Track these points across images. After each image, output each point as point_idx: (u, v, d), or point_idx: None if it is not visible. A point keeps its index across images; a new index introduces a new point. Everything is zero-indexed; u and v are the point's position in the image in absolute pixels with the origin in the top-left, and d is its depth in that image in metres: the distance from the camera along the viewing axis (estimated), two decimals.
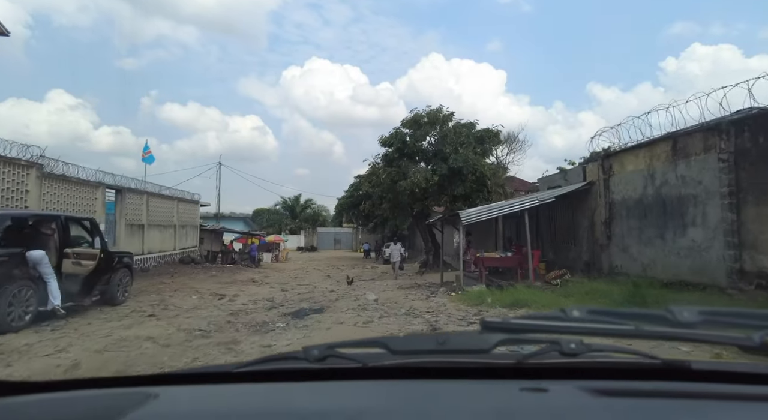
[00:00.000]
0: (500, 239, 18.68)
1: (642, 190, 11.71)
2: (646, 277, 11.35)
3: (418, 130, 19.90)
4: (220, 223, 35.32)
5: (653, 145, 11.26)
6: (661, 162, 11.04)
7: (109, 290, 10.28)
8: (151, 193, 22.52)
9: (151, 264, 22.12)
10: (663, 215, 10.96)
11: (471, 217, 13.21)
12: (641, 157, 11.75)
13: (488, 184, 19.96)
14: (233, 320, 8.81)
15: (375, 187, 22.18)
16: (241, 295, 14.23)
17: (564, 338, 0.89)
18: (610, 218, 13.02)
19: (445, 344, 0.93)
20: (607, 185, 13.16)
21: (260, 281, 18.92)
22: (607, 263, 13.11)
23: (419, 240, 36.78)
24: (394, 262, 19.49)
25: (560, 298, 9.59)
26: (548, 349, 0.90)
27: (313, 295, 13.99)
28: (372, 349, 0.97)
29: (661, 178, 11.02)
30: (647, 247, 11.49)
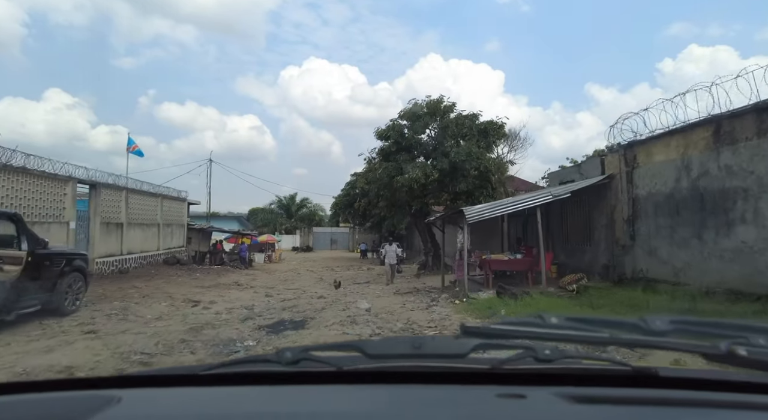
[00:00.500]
0: (506, 239, 17.06)
1: (674, 183, 10.09)
2: (678, 283, 9.74)
3: (416, 121, 18.24)
4: (210, 222, 33.65)
5: (689, 130, 9.64)
6: (699, 150, 9.42)
7: (53, 299, 8.62)
8: (131, 190, 20.84)
9: (131, 265, 20.46)
10: (701, 212, 9.34)
11: (476, 215, 11.59)
12: (674, 145, 10.13)
13: (492, 180, 18.33)
14: (191, 338, 7.15)
15: (371, 184, 20.53)
16: (218, 302, 12.59)
17: (539, 344, 0.86)
18: (634, 216, 11.39)
19: (421, 348, 0.89)
20: (631, 178, 11.53)
21: (245, 285, 17.28)
22: (630, 267, 11.49)
23: (418, 240, 35.12)
24: (390, 264, 17.52)
25: (588, 311, 7.96)
26: (524, 354, 0.88)
27: (299, 302, 12.33)
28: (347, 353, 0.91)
29: (699, 169, 9.40)
30: (680, 248, 9.87)
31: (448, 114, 18.32)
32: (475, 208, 11.84)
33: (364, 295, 13.70)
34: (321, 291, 15.32)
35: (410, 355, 0.90)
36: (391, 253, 17.45)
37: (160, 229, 23.95)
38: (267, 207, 50.26)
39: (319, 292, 15.04)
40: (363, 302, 11.12)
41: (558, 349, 0.88)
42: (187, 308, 11.47)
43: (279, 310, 11.04)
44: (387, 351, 0.94)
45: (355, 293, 14.38)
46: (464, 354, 0.87)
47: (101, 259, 18.22)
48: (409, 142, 18.59)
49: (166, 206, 24.71)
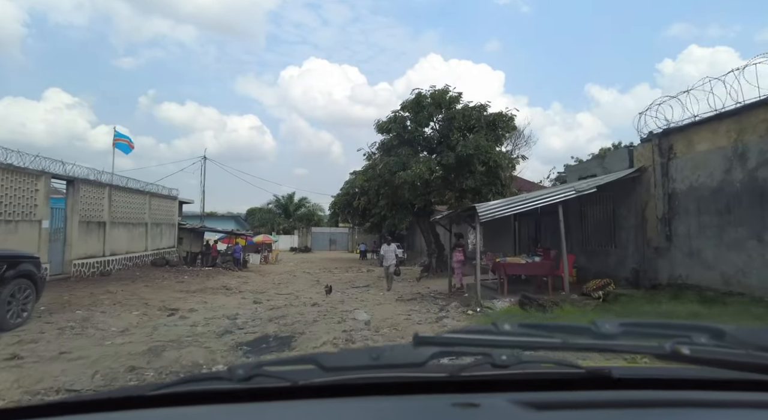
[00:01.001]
0: (518, 240, 15.55)
1: (723, 175, 8.60)
2: (730, 292, 8.24)
3: (420, 112, 16.70)
4: (205, 222, 32.14)
5: (745, 113, 8.14)
6: (757, 135, 7.92)
7: None
8: (115, 186, 19.32)
9: (114, 267, 18.95)
10: (760, 207, 7.84)
11: (490, 212, 10.09)
12: (723, 131, 8.63)
13: (502, 176, 16.84)
14: (143, 365, 5.63)
15: (371, 181, 19.03)
16: (199, 310, 11.09)
17: (497, 351, 0.85)
18: (671, 213, 9.89)
19: (378, 359, 0.85)
20: (666, 171, 10.03)
21: (234, 289, 15.76)
22: (666, 272, 9.99)
23: (419, 240, 33.63)
24: (388, 266, 15.35)
25: None
26: (481, 361, 0.87)
27: (290, 311, 10.82)
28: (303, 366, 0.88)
29: (757, 157, 7.91)
30: (733, 251, 8.37)
31: (454, 105, 16.80)
32: (488, 205, 10.34)
33: (363, 302, 12.20)
34: (316, 296, 13.81)
35: (367, 367, 0.85)
36: (390, 255, 15.40)
37: (148, 228, 22.45)
38: (264, 206, 48.73)
39: (314, 297, 13.54)
40: (361, 313, 9.61)
41: (514, 355, 0.85)
42: (161, 318, 9.98)
43: (265, 322, 9.55)
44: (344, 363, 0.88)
45: (353, 299, 12.86)
46: (422, 363, 0.83)
47: (80, 260, 16.72)
48: (412, 135, 17.07)
49: (154, 205, 23.20)
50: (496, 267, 11.18)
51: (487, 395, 0.86)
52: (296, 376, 0.89)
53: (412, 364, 0.86)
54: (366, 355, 0.88)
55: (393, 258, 15.51)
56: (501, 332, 0.89)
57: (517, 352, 0.88)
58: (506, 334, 0.89)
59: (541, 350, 0.91)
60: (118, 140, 22.01)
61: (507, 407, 0.82)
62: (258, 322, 9.61)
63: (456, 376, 0.89)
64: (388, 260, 15.49)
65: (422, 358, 0.85)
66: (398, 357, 0.91)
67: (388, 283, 15.33)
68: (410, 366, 0.87)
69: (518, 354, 0.87)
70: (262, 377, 0.88)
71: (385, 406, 0.87)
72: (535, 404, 0.82)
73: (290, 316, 9.97)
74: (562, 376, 0.94)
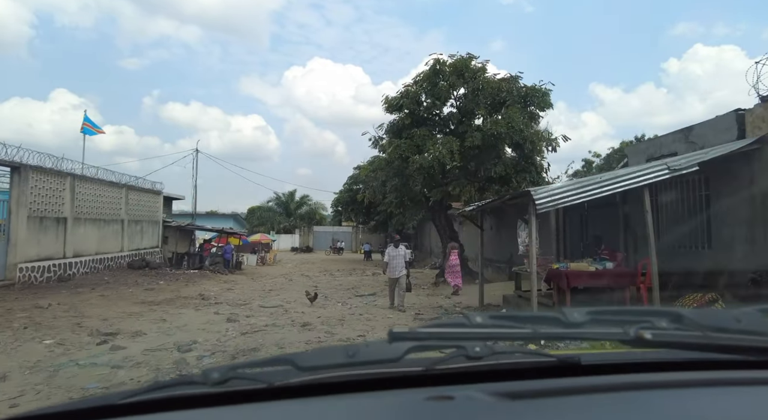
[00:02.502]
0: (564, 240, 12.31)
1: None
2: None
3: (438, 84, 13.44)
4: (204, 221, 28.95)
5: None
6: None
7: None
8: (78, 177, 16.16)
9: (78, 270, 15.82)
10: None
11: (553, 199, 6.94)
12: None
13: (537, 162, 13.63)
14: None
15: (377, 171, 15.79)
16: (147, 334, 7.93)
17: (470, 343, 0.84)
18: None
19: (354, 356, 0.81)
20: None
21: (212, 299, 12.57)
22: None
23: (429, 240, 30.42)
24: (397, 278, 10.69)
25: None
26: (455, 353, 0.84)
27: (269, 337, 7.64)
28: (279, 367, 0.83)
29: None
30: None
31: (480, 77, 13.54)
32: (548, 190, 7.14)
33: (371, 322, 9.00)
34: (309, 310, 10.63)
35: (343, 365, 0.82)
36: (399, 261, 10.80)
37: (125, 226, 19.30)
38: (264, 205, 45.50)
39: (307, 312, 10.34)
40: None
41: (487, 346, 0.85)
42: (85, 349, 6.83)
43: (229, 357, 6.38)
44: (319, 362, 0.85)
45: (357, 317, 9.64)
46: (397, 358, 0.80)
47: (30, 263, 13.57)
48: (428, 112, 13.84)
49: (133, 199, 20.06)
50: (553, 276, 7.94)
51: (461, 387, 0.86)
52: (272, 377, 0.84)
53: (388, 359, 0.81)
54: (342, 353, 0.83)
55: (402, 266, 10.88)
56: (473, 325, 0.84)
57: (491, 344, 0.87)
58: (478, 326, 0.84)
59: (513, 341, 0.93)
60: (86, 125, 18.85)
61: (481, 398, 0.82)
62: (219, 355, 6.45)
63: (431, 370, 0.88)
64: (395, 269, 10.74)
65: (398, 353, 0.80)
66: (374, 353, 0.84)
67: (396, 298, 10.74)
68: (386, 362, 0.83)
69: (491, 345, 0.86)
70: (237, 380, 0.83)
71: (362, 403, 0.86)
72: (509, 394, 0.83)
73: (266, 348, 6.77)
74: (535, 365, 0.93)
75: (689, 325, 0.84)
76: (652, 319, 0.85)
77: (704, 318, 0.86)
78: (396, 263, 10.87)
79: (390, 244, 11.00)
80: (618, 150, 35.60)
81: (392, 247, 11.14)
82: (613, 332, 0.83)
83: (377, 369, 0.87)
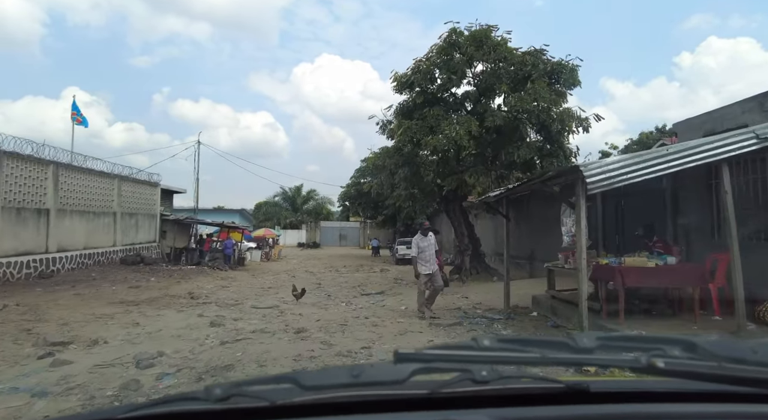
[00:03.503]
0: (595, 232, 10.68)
1: None
2: None
3: (454, 58, 11.81)
4: (200, 215, 27.57)
5: None
6: None
7: None
8: (63, 165, 14.78)
9: (64, 266, 14.47)
10: None
11: (609, 176, 5.39)
12: None
13: (564, 145, 12.01)
14: None
15: (386, 159, 14.23)
16: (109, 342, 6.53)
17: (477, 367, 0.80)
18: None
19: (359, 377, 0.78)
20: None
21: (201, 298, 11.14)
22: None
23: (439, 235, 28.85)
24: (430, 274, 8.45)
25: None
26: (461, 377, 0.80)
27: (253, 347, 6.14)
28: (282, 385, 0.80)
29: None
30: None
31: (500, 49, 11.87)
32: (602, 165, 5.55)
33: (377, 327, 7.46)
34: (308, 312, 9.14)
35: (347, 385, 0.79)
36: (431, 251, 8.54)
37: (118, 219, 17.93)
38: (271, 200, 44.05)
39: (305, 314, 8.85)
40: None
41: (495, 370, 0.80)
42: (20, 364, 5.38)
43: (195, 377, 4.89)
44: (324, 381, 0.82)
45: (362, 322, 8.10)
46: (403, 380, 0.77)
47: (6, 258, 12.23)
48: (442, 89, 12.23)
49: (127, 191, 18.68)
50: (601, 274, 6.32)
51: (467, 411, 0.84)
52: (275, 395, 0.80)
53: (393, 381, 0.79)
54: (346, 373, 0.81)
55: (434, 259, 8.63)
56: (481, 348, 0.83)
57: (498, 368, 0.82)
58: (486, 350, 0.83)
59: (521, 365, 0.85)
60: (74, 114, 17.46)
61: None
62: (184, 376, 4.95)
63: (437, 393, 0.84)
64: (428, 262, 8.46)
65: (403, 375, 0.78)
66: (379, 374, 0.82)
67: (425, 305, 8.42)
68: (391, 383, 0.79)
69: (498, 369, 0.81)
70: (240, 397, 0.79)
71: None
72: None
73: (244, 366, 5.26)
74: (542, 391, 0.88)
75: (704, 355, 0.81)
76: (665, 347, 0.83)
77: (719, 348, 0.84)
78: (428, 255, 8.49)
79: (418, 233, 8.70)
80: (637, 141, 33.72)
81: (419, 236, 8.63)
82: (624, 359, 0.80)
83: (381, 390, 0.83)
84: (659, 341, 0.85)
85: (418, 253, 8.51)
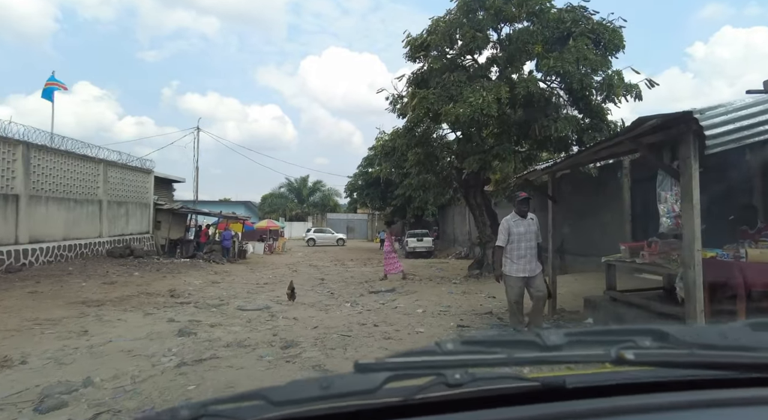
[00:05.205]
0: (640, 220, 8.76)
1: None
2: None
3: (477, 12, 9.79)
4: (199, 205, 25.85)
5: None
6: None
7: None
8: (36, 146, 13.02)
9: (38, 259, 12.76)
10: None
11: (739, 126, 3.43)
12: None
13: (606, 117, 10.07)
14: None
15: (399, 139, 12.31)
16: (28, 361, 4.76)
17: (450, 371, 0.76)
18: None
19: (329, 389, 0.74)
20: None
21: (184, 296, 9.40)
22: None
23: (451, 227, 26.85)
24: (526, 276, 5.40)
25: None
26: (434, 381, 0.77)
27: (218, 376, 4.30)
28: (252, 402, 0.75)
29: None
30: None
31: (533, 2, 9.78)
32: (732, 109, 3.63)
33: (391, 341, 5.62)
34: (305, 315, 7.32)
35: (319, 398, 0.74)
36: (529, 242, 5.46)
37: (104, 207, 16.19)
38: (276, 191, 42.26)
39: (301, 317, 7.04)
40: None
41: (468, 372, 0.77)
42: None
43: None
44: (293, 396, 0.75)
45: (370, 330, 6.26)
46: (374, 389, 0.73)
47: None
48: (465, 50, 10.24)
49: (114, 177, 16.93)
50: (710, 272, 4.43)
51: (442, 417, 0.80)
52: (245, 413, 0.75)
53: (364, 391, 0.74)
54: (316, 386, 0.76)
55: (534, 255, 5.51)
56: (445, 352, 0.80)
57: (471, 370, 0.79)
58: (451, 354, 0.80)
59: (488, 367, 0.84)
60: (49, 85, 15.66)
61: None
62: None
63: (410, 400, 0.79)
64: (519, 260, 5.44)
65: (374, 384, 0.74)
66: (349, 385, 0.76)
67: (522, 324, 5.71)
68: (362, 393, 0.75)
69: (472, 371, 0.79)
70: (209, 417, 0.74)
71: None
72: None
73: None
74: (518, 391, 0.85)
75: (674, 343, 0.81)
76: (636, 338, 0.81)
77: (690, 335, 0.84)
78: (524, 249, 5.33)
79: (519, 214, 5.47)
80: None
81: (514, 216, 5.48)
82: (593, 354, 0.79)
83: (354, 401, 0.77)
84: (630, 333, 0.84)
85: (511, 244, 5.34)
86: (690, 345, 0.79)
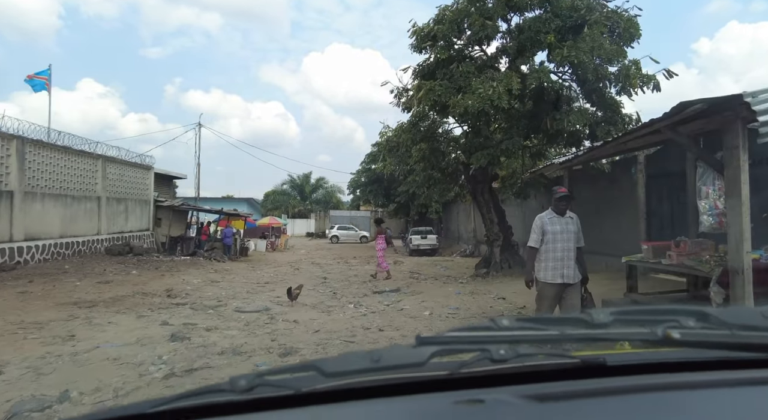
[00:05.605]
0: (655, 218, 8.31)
1: None
2: None
3: (487, 2, 9.37)
4: (200, 202, 25.47)
5: None
6: None
7: None
8: (31, 141, 12.64)
9: (33, 256, 12.42)
10: None
11: None
12: None
13: (622, 113, 9.61)
14: None
15: (404, 133, 11.85)
16: (5, 371, 4.31)
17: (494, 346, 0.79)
18: None
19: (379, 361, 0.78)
20: None
21: (182, 296, 9.02)
22: None
23: (455, 225, 26.43)
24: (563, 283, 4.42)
25: None
26: (480, 356, 0.80)
27: None
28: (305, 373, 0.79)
29: None
30: None
31: None
32: None
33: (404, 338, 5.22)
34: (306, 317, 6.92)
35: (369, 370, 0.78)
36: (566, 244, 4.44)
37: (103, 204, 15.83)
38: (279, 188, 41.87)
39: (301, 320, 6.64)
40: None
41: (512, 349, 0.80)
42: None
43: None
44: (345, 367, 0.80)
45: (374, 334, 5.84)
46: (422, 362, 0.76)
47: None
48: (474, 40, 9.78)
49: (113, 173, 16.56)
50: (760, 277, 3.99)
51: (488, 390, 0.83)
52: (298, 383, 0.79)
53: (413, 364, 0.78)
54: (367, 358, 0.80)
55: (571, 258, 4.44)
56: (500, 328, 0.83)
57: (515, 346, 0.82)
58: (505, 330, 0.83)
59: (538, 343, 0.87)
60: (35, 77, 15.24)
61: (510, 401, 0.79)
62: None
63: (456, 374, 0.84)
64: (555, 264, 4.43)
65: (422, 357, 0.77)
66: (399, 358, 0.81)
67: None
68: (411, 366, 0.79)
69: (516, 348, 0.82)
70: (264, 387, 0.79)
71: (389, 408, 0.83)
72: (536, 396, 0.80)
73: None
74: (559, 367, 0.88)
75: (716, 324, 0.82)
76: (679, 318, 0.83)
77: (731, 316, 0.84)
78: (561, 251, 4.44)
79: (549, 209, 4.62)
80: None
81: (551, 213, 4.55)
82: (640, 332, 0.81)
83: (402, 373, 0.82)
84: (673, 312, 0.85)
85: (545, 244, 4.49)
86: (732, 326, 0.80)
